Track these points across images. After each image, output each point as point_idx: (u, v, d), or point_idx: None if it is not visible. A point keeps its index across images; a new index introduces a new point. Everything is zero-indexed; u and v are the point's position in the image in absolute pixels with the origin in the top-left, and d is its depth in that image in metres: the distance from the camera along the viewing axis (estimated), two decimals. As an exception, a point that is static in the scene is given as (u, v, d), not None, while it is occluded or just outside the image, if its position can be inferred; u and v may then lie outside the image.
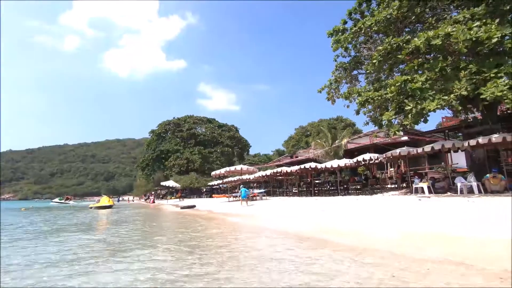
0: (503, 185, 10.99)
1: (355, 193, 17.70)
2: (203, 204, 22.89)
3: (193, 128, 54.58)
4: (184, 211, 20.75)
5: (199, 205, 22.36)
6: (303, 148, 46.23)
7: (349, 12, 15.23)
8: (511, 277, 3.58)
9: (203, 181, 42.77)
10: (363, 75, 16.60)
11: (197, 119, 57.00)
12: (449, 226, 6.31)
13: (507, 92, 8.36)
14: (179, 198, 35.72)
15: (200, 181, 42.81)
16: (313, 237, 7.19)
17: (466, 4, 11.29)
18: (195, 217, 15.63)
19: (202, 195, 40.29)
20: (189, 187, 42.57)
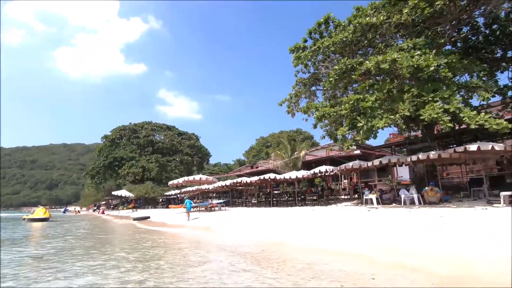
0: (438, 197, 12.25)
1: (312, 204, 18.32)
2: (158, 215, 21.81)
3: (151, 135, 52.27)
4: (136, 223, 19.56)
5: (154, 216, 21.27)
6: (263, 158, 46.90)
7: (309, 32, 16.11)
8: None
9: (160, 190, 40.89)
10: (321, 91, 17.57)
11: (156, 126, 54.79)
12: (391, 237, 6.83)
13: (441, 115, 9.45)
14: (132, 208, 33.60)
15: (157, 190, 40.86)
16: (267, 249, 7.24)
17: (410, 34, 12.66)
18: (147, 230, 14.83)
19: (158, 206, 38.40)
20: (144, 197, 40.35)
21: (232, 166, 66.51)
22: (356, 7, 14.36)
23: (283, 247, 7.34)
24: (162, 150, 51.22)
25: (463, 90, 11.44)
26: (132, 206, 34.90)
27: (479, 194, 13.70)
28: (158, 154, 49.60)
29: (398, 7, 12.12)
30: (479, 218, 7.68)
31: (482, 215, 8.08)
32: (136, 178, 45.67)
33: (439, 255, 5.16)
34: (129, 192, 36.97)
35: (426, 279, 4.29)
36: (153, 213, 24.23)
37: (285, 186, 29.86)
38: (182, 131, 56.80)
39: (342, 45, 13.30)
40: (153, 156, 48.32)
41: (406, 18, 11.31)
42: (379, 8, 13.53)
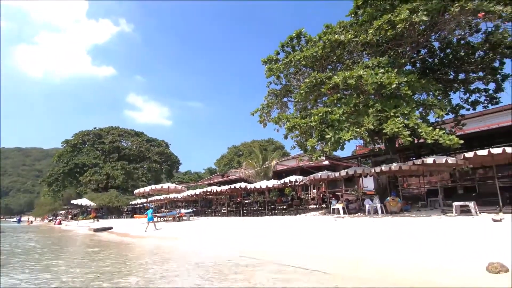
0: (399, 207, 12.94)
1: (281, 213, 18.45)
2: (121, 226, 20.65)
3: (117, 141, 49.85)
4: (97, 234, 18.35)
5: (117, 227, 20.11)
6: (235, 167, 46.65)
7: (282, 45, 16.56)
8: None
9: (125, 199, 38.85)
10: (292, 102, 17.99)
11: (123, 131, 52.43)
12: (354, 247, 7.06)
13: (402, 129, 10.09)
14: (93, 218, 31.52)
15: (121, 199, 38.77)
16: (234, 263, 7.13)
17: (375, 53, 13.50)
18: (108, 241, 13.96)
19: (122, 215, 36.37)
20: (107, 206, 38.08)
21: (202, 175, 65.31)
22: (325, 25, 15.06)
23: (250, 261, 7.26)
24: (129, 157, 49.01)
25: (421, 107, 12.36)
26: (94, 216, 32.74)
27: (435, 204, 14.71)
28: (124, 161, 47.35)
29: (364, 27, 12.90)
30: (434, 227, 8.21)
31: (437, 224, 8.65)
32: (99, 186, 43.07)
33: (397, 265, 5.41)
34: (90, 201, 34.68)
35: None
36: (116, 223, 22.90)
37: (256, 195, 29.86)
38: (151, 138, 54.92)
39: (312, 59, 13.81)
40: (118, 163, 46.00)
41: (371, 38, 12.04)
42: (347, 27, 14.30)
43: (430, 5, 10.70)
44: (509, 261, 4.55)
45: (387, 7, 12.50)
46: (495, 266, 4.34)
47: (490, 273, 4.33)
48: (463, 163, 11.94)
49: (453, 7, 10.47)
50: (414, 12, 10.92)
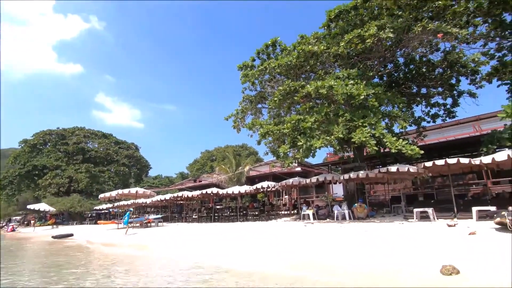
0: (365, 213, 13.48)
1: (253, 219, 18.44)
2: (84, 232, 19.45)
3: (82, 142, 47.10)
4: (55, 241, 17.11)
5: (78, 234, 18.90)
6: (208, 172, 45.99)
7: (258, 52, 16.78)
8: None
9: (89, 204, 36.64)
10: (267, 109, 18.23)
11: (90, 133, 49.72)
12: (321, 252, 7.23)
13: (369, 139, 10.59)
14: (52, 225, 29.37)
15: (85, 204, 36.52)
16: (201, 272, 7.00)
17: (345, 65, 14.11)
18: (66, 250, 13.07)
19: (85, 221, 34.24)
20: (69, 212, 35.68)
21: (174, 179, 63.58)
22: (300, 35, 15.52)
23: (218, 270, 7.16)
24: (95, 159, 46.47)
25: (387, 119, 13.08)
26: (53, 222, 30.49)
27: (398, 210, 15.51)
28: (89, 163, 44.80)
29: (336, 40, 13.47)
30: (396, 233, 8.64)
31: (398, 230, 9.12)
32: (60, 189, 40.28)
33: (358, 269, 5.62)
34: (49, 206, 32.29)
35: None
36: (78, 230, 21.52)
37: (228, 201, 29.63)
38: (120, 140, 52.57)
39: (287, 68, 14.13)
40: (83, 166, 43.40)
41: (343, 50, 12.60)
42: (320, 39, 14.84)
43: (396, 23, 11.44)
44: (460, 263, 4.90)
45: (357, 22, 13.18)
46: (448, 268, 4.65)
47: (444, 275, 4.63)
48: (423, 172, 12.75)
49: (416, 27, 11.28)
50: (381, 29, 11.60)
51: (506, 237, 6.56)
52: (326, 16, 14.54)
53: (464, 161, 10.92)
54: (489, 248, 5.85)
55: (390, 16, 12.29)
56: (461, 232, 7.54)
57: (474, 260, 5.21)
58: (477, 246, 6.06)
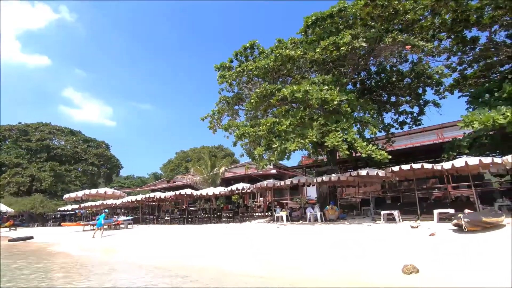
0: (336, 215, 13.88)
1: (227, 221, 18.31)
2: (45, 235, 18.27)
3: (47, 139, 44.28)
4: (12, 244, 15.91)
5: (39, 236, 17.72)
6: (182, 173, 45.07)
7: (236, 53, 16.78)
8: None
9: (52, 205, 34.45)
10: (244, 111, 18.25)
11: (56, 129, 46.86)
12: (291, 254, 7.35)
13: (341, 143, 10.94)
14: (10, 227, 27.26)
15: (48, 205, 34.29)
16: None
17: (321, 71, 14.51)
18: (23, 254, 12.21)
19: (48, 223, 32.14)
20: (30, 213, 33.31)
21: (146, 180, 61.60)
22: (278, 39, 15.76)
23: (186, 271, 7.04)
24: (61, 158, 43.85)
25: (359, 124, 13.58)
26: (11, 224, 28.31)
27: (367, 212, 16.11)
28: (55, 161, 42.21)
29: (313, 46, 13.81)
30: (364, 234, 8.98)
31: (366, 231, 9.48)
32: (20, 189, 37.53)
33: (325, 269, 5.78)
34: (7, 206, 29.96)
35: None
36: (39, 233, 20.16)
37: (203, 202, 29.22)
38: (89, 138, 50.05)
39: (264, 70, 14.25)
40: (47, 164, 40.80)
41: (318, 56, 12.94)
42: (297, 44, 15.14)
43: (368, 33, 11.96)
44: (420, 263, 5.20)
45: (333, 30, 13.61)
46: (409, 267, 4.91)
47: (405, 274, 4.89)
48: (391, 176, 13.36)
49: (387, 38, 11.85)
50: (355, 38, 12.07)
51: (461, 238, 7.05)
52: (303, 22, 14.87)
53: (427, 166, 11.59)
54: (446, 249, 6.24)
55: (363, 26, 12.84)
56: (423, 233, 7.99)
57: (432, 259, 5.54)
58: (436, 247, 6.46)
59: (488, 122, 9.53)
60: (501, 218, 8.00)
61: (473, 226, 7.40)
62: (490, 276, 4.54)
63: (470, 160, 10.48)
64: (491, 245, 6.07)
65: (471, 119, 9.99)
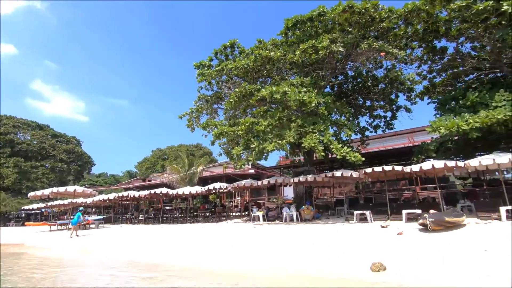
0: (312, 215, 14.17)
1: (203, 220, 18.12)
2: (5, 235, 17.11)
3: (11, 133, 41.53)
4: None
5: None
6: (158, 171, 43.97)
7: (216, 52, 16.64)
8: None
9: (15, 203, 32.38)
10: (223, 110, 18.13)
11: (21, 122, 44.04)
12: (264, 253, 7.41)
13: (317, 144, 11.16)
14: (-34, 227, 25.25)
15: (10, 203, 32.18)
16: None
17: (300, 73, 14.74)
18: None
19: (10, 223, 30.11)
20: (-11, 212, 31.05)
21: (120, 178, 59.47)
22: (258, 40, 15.83)
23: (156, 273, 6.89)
24: (27, 153, 41.29)
25: (335, 126, 13.94)
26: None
27: (341, 212, 16.57)
28: (19, 157, 39.68)
29: (293, 48, 14.00)
30: (337, 233, 9.24)
31: (339, 230, 9.76)
32: (-21, 186, 34.97)
33: (297, 267, 5.89)
34: (-36, 204, 27.76)
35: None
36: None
37: (179, 202, 28.68)
38: (58, 133, 47.52)
39: (244, 70, 14.25)
40: (11, 160, 38.29)
41: (298, 58, 13.14)
42: (278, 45, 15.28)
43: (346, 39, 12.32)
44: (387, 260, 5.43)
45: (312, 34, 13.87)
46: (377, 265, 5.12)
47: (373, 271, 5.09)
48: (364, 177, 13.86)
49: (363, 44, 12.27)
50: (333, 42, 12.39)
51: (426, 236, 7.45)
52: (284, 24, 15.03)
53: (398, 169, 12.14)
54: (412, 247, 6.57)
55: (341, 31, 13.20)
56: (392, 233, 8.36)
57: (399, 257, 5.81)
58: (403, 245, 6.78)
59: (453, 128, 10.14)
60: (462, 218, 8.55)
61: (437, 225, 7.85)
62: (450, 272, 4.83)
63: (437, 163, 11.10)
64: (452, 244, 6.47)
65: (438, 125, 10.59)
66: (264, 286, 5.23)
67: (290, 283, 5.24)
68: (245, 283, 5.26)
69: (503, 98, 10.22)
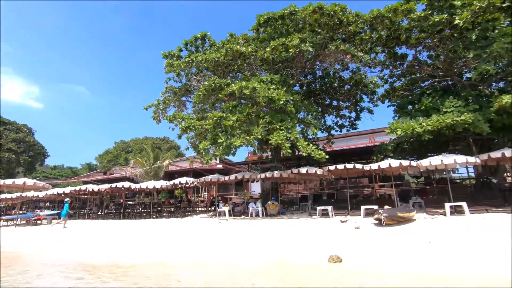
0: (277, 210, 14.45)
1: (168, 215, 17.67)
2: None
3: (-50, 118, 37.01)
4: None
5: None
6: (121, 165, 41.93)
7: (186, 43, 16.16)
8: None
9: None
10: (191, 103, 17.72)
11: (-37, 107, 39.34)
12: (226, 247, 7.45)
13: (284, 141, 11.36)
14: None
15: None
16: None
17: (270, 70, 14.85)
18: None
19: None
20: None
21: (78, 171, 55.81)
22: (230, 33, 15.64)
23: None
24: (-32, 141, 37.12)
25: (302, 124, 14.29)
26: None
27: (305, 208, 17.11)
28: (-41, 146, 35.52)
29: (264, 45, 14.04)
30: (300, 227, 9.53)
31: (302, 225, 10.08)
32: None
33: (259, 259, 6.00)
34: None
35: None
36: None
37: (143, 196, 27.65)
38: (7, 120, 43.15)
39: (214, 64, 14.03)
40: (-52, 148, 34.13)
41: (268, 55, 13.21)
42: (249, 41, 15.23)
43: (315, 39, 12.63)
44: (344, 253, 5.73)
45: (283, 32, 14.02)
46: (333, 257, 5.38)
47: (330, 263, 5.34)
48: (328, 174, 14.41)
49: (331, 45, 12.68)
50: (303, 42, 12.63)
51: (380, 230, 7.97)
52: (256, 20, 15.00)
53: (358, 167, 12.79)
54: (367, 240, 7.00)
55: (311, 32, 13.49)
56: (350, 227, 8.82)
57: (354, 250, 6.16)
58: (359, 239, 7.19)
59: (408, 130, 10.90)
60: (412, 214, 9.27)
61: (390, 220, 8.42)
62: (398, 262, 5.23)
63: (393, 162, 11.87)
64: (402, 237, 6.99)
65: (396, 127, 11.32)
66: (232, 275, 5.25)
67: (252, 274, 5.32)
68: (210, 276, 5.24)
69: (452, 104, 11.18)
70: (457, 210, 10.09)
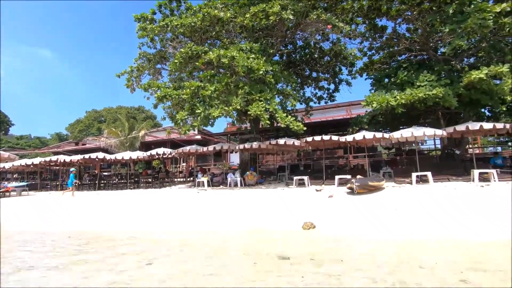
0: (255, 180, 14.77)
1: (145, 186, 17.57)
2: None
3: None
4: None
5: None
6: (94, 135, 40.30)
7: (159, 4, 15.03)
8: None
9: None
10: (167, 71, 16.92)
11: None
12: (205, 216, 7.62)
13: (263, 112, 11.33)
14: None
15: None
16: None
17: (250, 38, 14.32)
18: None
19: None
20: None
21: (48, 141, 53.06)
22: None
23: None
24: None
25: (281, 96, 14.22)
26: None
27: (283, 178, 17.62)
28: None
29: (243, 10, 13.38)
30: (276, 196, 9.87)
31: (279, 194, 10.44)
32: None
33: (236, 227, 6.23)
34: None
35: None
36: None
37: (119, 167, 27.08)
38: (-38, 85, 39.35)
39: (191, 29, 13.29)
40: None
41: (248, 22, 12.66)
42: (228, 6, 14.41)
43: (296, 7, 12.20)
44: (317, 220, 6.05)
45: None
46: (308, 224, 5.69)
47: (304, 230, 5.65)
48: (305, 145, 14.73)
49: (312, 14, 12.33)
50: (284, 9, 12.16)
51: (352, 198, 8.44)
52: (235, -17, 14.12)
53: (334, 138, 13.15)
54: (339, 208, 7.41)
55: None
56: (324, 196, 9.25)
57: (327, 217, 6.52)
58: (332, 206, 7.60)
59: (383, 103, 11.20)
60: (382, 183, 9.84)
61: (361, 189, 8.91)
62: (366, 227, 5.63)
63: (367, 134, 12.31)
64: (372, 204, 7.47)
65: (371, 100, 11.58)
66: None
67: (231, 237, 5.53)
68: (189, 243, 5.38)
69: (425, 78, 11.51)
70: (423, 179, 10.83)
